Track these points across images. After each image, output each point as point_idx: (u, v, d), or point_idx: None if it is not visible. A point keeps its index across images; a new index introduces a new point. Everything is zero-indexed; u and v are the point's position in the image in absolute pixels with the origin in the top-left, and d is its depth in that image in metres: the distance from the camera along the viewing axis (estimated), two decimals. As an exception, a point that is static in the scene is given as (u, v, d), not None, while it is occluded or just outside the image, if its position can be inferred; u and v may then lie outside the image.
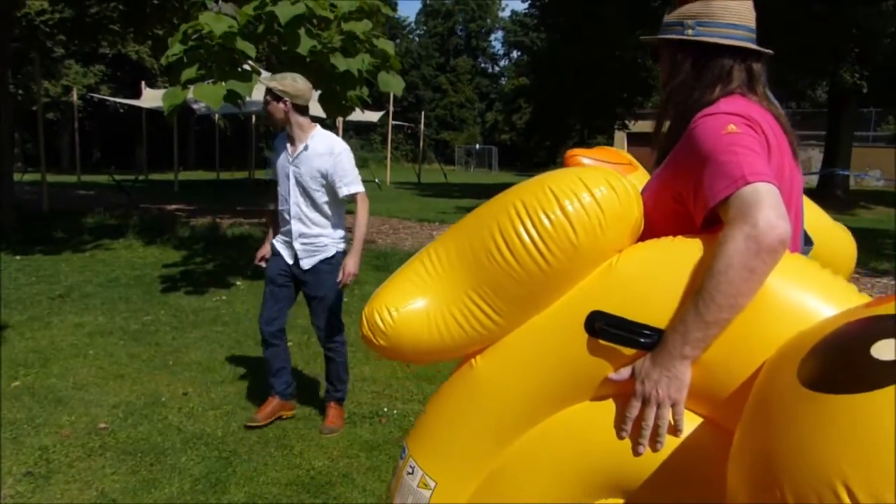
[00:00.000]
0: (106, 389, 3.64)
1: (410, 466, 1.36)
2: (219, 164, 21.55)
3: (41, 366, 3.99)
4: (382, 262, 7.09)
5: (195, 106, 13.77)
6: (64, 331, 4.72)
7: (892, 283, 6.81)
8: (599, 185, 1.17)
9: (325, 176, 3.07)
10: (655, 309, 1.12)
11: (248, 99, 5.85)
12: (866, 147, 23.36)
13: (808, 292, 1.08)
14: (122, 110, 25.91)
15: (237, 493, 2.63)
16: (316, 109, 8.90)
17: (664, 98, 1.44)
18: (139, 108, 17.78)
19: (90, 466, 2.80)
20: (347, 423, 3.29)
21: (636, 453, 1.14)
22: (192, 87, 5.10)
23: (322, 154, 3.07)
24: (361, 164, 27.11)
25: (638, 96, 23.57)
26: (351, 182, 3.10)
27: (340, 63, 5.38)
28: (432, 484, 1.32)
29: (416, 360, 1.33)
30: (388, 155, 21.32)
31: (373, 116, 18.97)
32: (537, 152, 34.02)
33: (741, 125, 1.20)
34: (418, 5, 51.95)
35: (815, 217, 2.20)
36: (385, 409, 3.48)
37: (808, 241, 1.87)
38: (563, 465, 1.20)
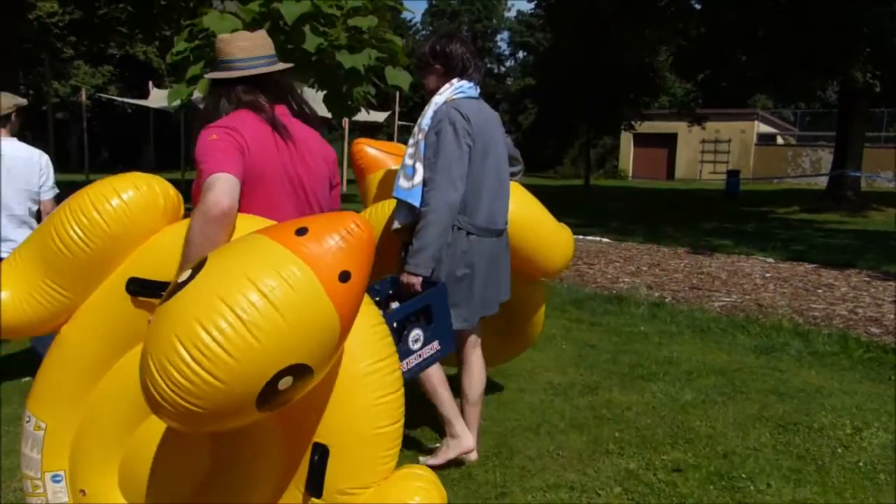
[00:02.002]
0: (108, 389, 3.62)
1: (28, 416, 1.80)
2: (226, 164, 21.51)
3: (44, 365, 3.98)
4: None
5: (201, 105, 13.76)
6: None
7: (904, 285, 6.70)
8: (126, 189, 1.67)
9: None
10: (173, 267, 1.60)
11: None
12: (878, 148, 23.11)
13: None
14: (129, 110, 26.06)
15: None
16: (321, 110, 8.89)
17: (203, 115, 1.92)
18: (147, 108, 17.87)
19: (91, 467, 2.77)
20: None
21: None
22: (197, 84, 5.10)
23: None
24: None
25: (644, 97, 23.40)
26: None
27: (346, 60, 5.36)
28: (43, 426, 1.77)
29: (15, 335, 1.77)
30: (395, 155, 21.26)
31: (379, 117, 18.92)
32: (543, 152, 33.91)
33: (222, 134, 1.74)
34: (424, 5, 51.94)
35: (538, 220, 2.79)
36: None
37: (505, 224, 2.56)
38: (133, 392, 1.54)
